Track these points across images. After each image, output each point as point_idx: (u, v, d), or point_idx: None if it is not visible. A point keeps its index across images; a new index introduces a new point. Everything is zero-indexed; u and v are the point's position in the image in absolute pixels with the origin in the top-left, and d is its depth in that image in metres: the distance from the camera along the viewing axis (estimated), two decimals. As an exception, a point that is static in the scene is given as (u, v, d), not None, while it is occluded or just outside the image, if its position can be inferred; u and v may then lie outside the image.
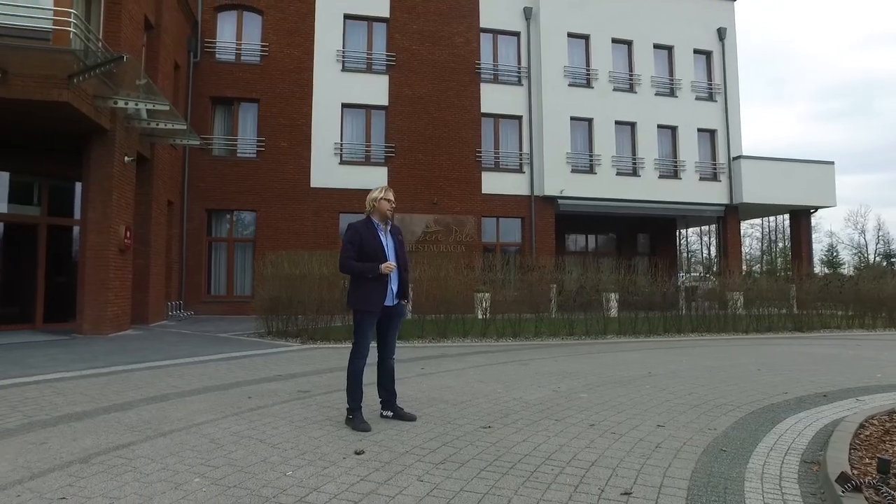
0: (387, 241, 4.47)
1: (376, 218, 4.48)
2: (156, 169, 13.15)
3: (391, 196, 4.50)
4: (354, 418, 4.25)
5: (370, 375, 4.57)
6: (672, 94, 20.55)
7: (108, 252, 10.46)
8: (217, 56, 17.17)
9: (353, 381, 4.32)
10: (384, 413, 4.56)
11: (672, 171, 20.46)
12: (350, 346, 4.44)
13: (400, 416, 4.50)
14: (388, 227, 4.54)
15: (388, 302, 4.41)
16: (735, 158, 20.49)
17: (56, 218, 11.68)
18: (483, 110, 18.85)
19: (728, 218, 20.98)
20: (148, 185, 12.83)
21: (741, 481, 3.10)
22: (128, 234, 11.08)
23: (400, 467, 3.32)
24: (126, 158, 11.05)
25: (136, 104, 10.09)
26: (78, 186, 11.26)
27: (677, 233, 26.77)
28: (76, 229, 11.53)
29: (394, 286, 4.44)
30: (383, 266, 4.28)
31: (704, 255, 55.63)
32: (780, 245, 47.62)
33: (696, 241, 51.19)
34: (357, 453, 3.58)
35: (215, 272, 16.96)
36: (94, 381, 5.94)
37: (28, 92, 8.67)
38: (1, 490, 2.92)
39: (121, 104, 10.04)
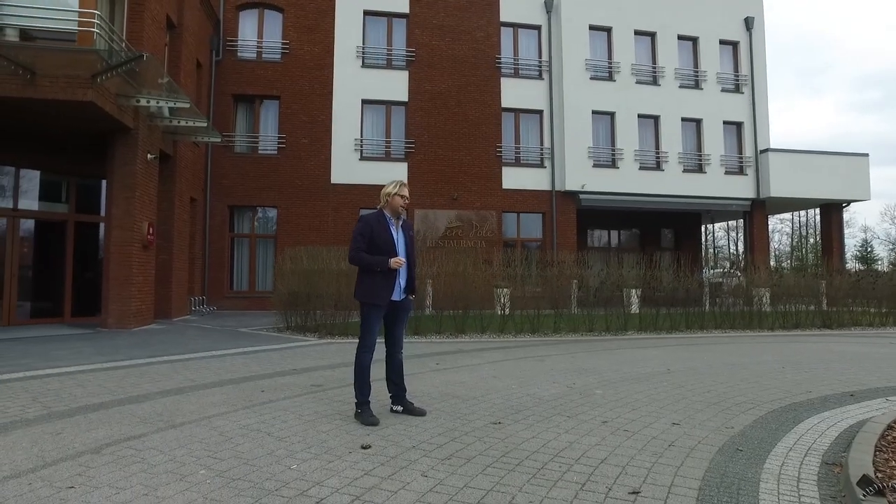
0: (397, 236, 4.44)
1: (388, 212, 4.46)
2: (178, 166, 13.36)
3: (405, 192, 4.47)
4: (363, 413, 4.23)
5: (380, 371, 4.55)
6: (697, 86, 20.12)
7: (132, 248, 10.66)
8: (239, 54, 17.36)
9: (360, 375, 4.30)
10: (394, 408, 4.53)
11: (697, 165, 20.05)
12: (362, 340, 4.43)
13: (409, 410, 4.47)
14: (400, 223, 4.51)
15: (396, 297, 4.38)
16: (763, 151, 19.98)
17: (83, 215, 11.94)
18: (503, 105, 18.72)
19: (755, 212, 20.49)
20: (171, 182, 13.04)
21: (756, 482, 2.99)
22: (150, 230, 11.28)
23: (405, 462, 3.29)
24: (149, 156, 11.23)
25: (158, 102, 10.25)
26: (104, 184, 11.49)
27: (702, 228, 26.28)
28: (102, 226, 11.77)
29: (402, 281, 4.42)
30: (393, 261, 4.25)
31: (731, 250, 54.67)
32: (812, 241, 46.43)
33: (724, 236, 50.24)
34: (363, 448, 3.56)
35: (238, 268, 17.19)
36: (113, 374, 6.05)
37: (55, 92, 8.87)
38: (14, 478, 2.97)
39: (143, 102, 10.21)
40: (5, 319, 10.85)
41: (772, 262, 24.46)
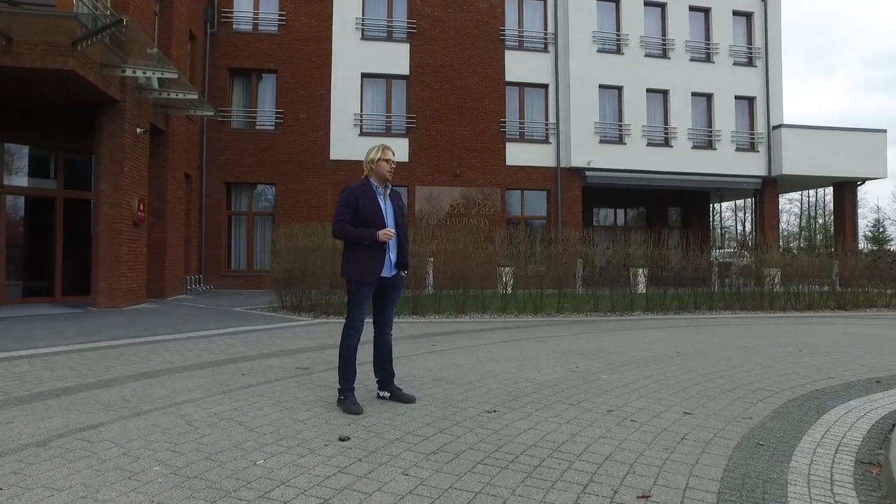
0: (386, 206, 4.04)
1: (375, 180, 4.06)
2: (171, 141, 12.94)
3: (390, 155, 4.07)
4: (346, 400, 3.88)
5: (368, 354, 4.20)
6: (708, 59, 19.42)
7: (121, 225, 10.31)
8: (234, 26, 16.80)
9: (345, 359, 3.94)
10: (381, 394, 4.18)
11: (707, 142, 19.45)
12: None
13: (397, 397, 4.12)
14: (388, 191, 4.11)
15: (386, 272, 4.00)
16: (775, 127, 19.34)
17: (73, 191, 11.56)
18: (508, 79, 18.13)
19: (766, 191, 19.92)
20: (163, 158, 12.63)
21: (783, 484, 2.62)
22: (141, 206, 10.92)
23: (385, 457, 2.94)
24: (138, 130, 10.82)
25: (145, 73, 9.80)
26: (94, 160, 11.09)
27: (711, 207, 25.72)
28: (93, 203, 11.42)
29: (392, 255, 4.03)
30: (381, 233, 3.85)
31: (739, 230, 53.90)
32: (821, 221, 45.70)
33: (731, 216, 49.47)
34: (341, 440, 3.21)
35: (235, 246, 16.86)
36: (89, 356, 5.73)
37: (33, 60, 8.43)
38: (-57, 476, 2.63)
39: (129, 73, 9.76)
40: (-6, 298, 10.57)
41: (780, 243, 23.92)
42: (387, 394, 4.16)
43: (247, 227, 16.84)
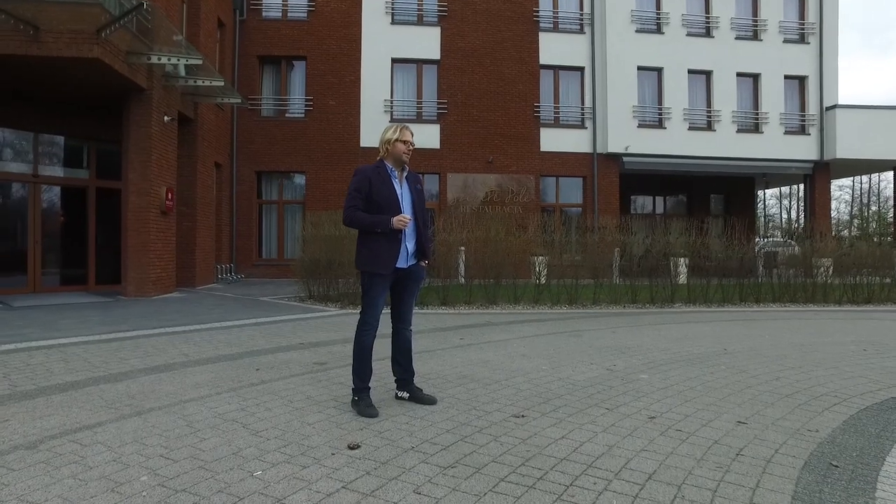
0: (402, 191, 3.70)
1: (390, 163, 3.72)
2: (200, 130, 12.89)
3: (408, 136, 3.71)
4: (360, 401, 3.58)
5: (386, 349, 3.89)
6: (755, 37, 18.34)
7: (149, 214, 10.28)
8: (263, 13, 16.66)
9: (359, 356, 3.64)
10: (399, 394, 3.87)
11: (753, 125, 18.44)
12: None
13: (417, 398, 3.80)
14: (405, 174, 3.76)
15: (402, 263, 3.66)
16: (829, 108, 18.18)
17: (105, 181, 11.62)
18: (542, 62, 17.50)
19: (817, 176, 18.78)
20: (192, 146, 12.59)
21: (868, 519, 2.19)
22: (169, 195, 10.87)
23: (397, 471, 2.62)
24: (165, 118, 10.76)
25: (170, 60, 9.67)
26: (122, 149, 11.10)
27: (756, 194, 24.54)
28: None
29: (409, 244, 3.69)
30: (396, 220, 3.52)
31: (784, 218, 51.60)
32: (874, 208, 43.34)
33: (775, 203, 47.44)
34: (351, 448, 2.90)
35: (266, 235, 16.84)
36: (105, 347, 5.60)
37: (59, 49, 8.38)
38: (-78, 481, 2.43)
39: (154, 59, 9.65)
40: (31, 286, 10.73)
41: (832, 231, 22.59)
42: (405, 394, 3.84)
43: (277, 216, 16.79)
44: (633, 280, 11.03)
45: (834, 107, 18.03)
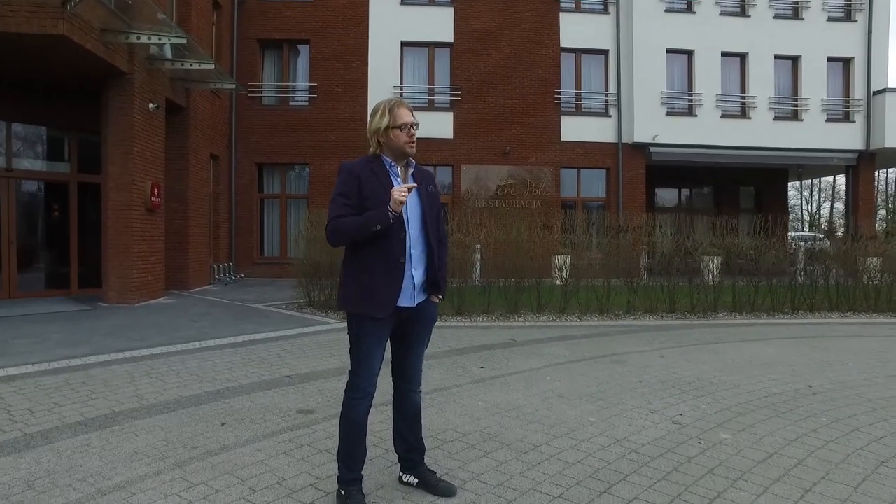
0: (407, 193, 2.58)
1: (388, 155, 2.60)
2: (193, 118, 11.84)
3: (406, 115, 2.56)
4: (348, 497, 2.50)
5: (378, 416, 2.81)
6: (796, 15, 16.89)
7: (132, 212, 9.27)
8: (264, -7, 15.54)
9: (348, 437, 2.56)
10: (404, 478, 2.79)
11: (792, 112, 17.04)
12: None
13: (428, 484, 2.71)
14: (410, 170, 2.64)
15: (408, 301, 2.56)
16: (877, 93, 16.71)
17: (87, 175, 10.62)
18: (563, 45, 16.21)
19: (861, 167, 17.35)
20: (183, 137, 11.56)
21: None
22: (156, 191, 9.85)
23: None
24: (150, 105, 9.72)
25: (150, 38, 8.59)
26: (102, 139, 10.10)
27: (788, 185, 23.11)
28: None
29: (416, 273, 2.57)
30: (395, 190, 2.40)
31: (805, 209, 49.73)
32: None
33: (795, 195, 45.67)
34: None
35: (268, 231, 15.83)
36: (48, 383, 4.56)
37: (18, 24, 7.33)
38: None
39: (133, 39, 8.58)
40: (5, 292, 9.79)
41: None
42: (413, 479, 2.76)
43: (280, 211, 15.76)
44: (663, 280, 9.79)
45: (883, 91, 16.56)
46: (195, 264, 11.91)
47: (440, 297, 2.69)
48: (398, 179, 2.56)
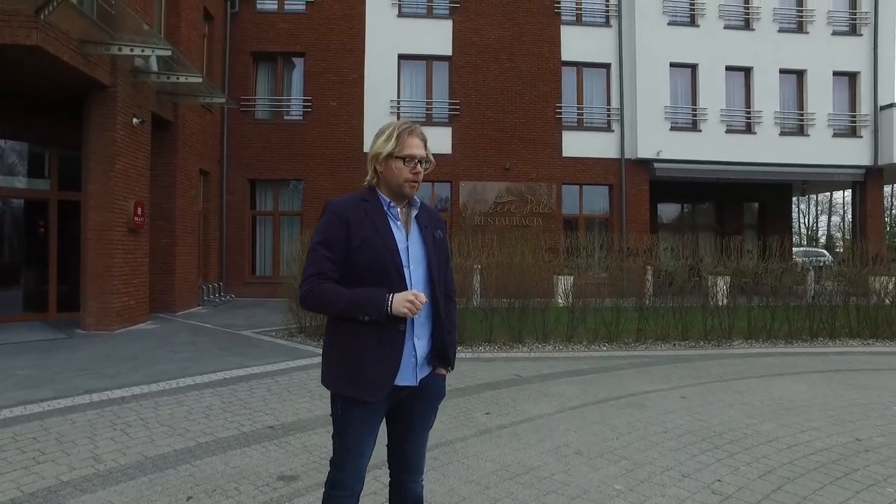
0: (410, 241, 2.07)
1: (385, 192, 2.09)
2: (181, 133, 11.36)
3: (418, 149, 2.05)
4: None
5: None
6: (800, 29, 16.59)
7: (113, 233, 8.75)
8: (258, 5, 15.15)
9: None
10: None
11: (797, 127, 16.68)
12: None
13: None
14: (414, 212, 2.13)
15: (408, 378, 2.04)
16: (884, 107, 16.38)
17: (68, 192, 10.09)
18: (564, 58, 15.85)
19: (868, 182, 16.96)
20: (171, 153, 11.06)
21: None
22: (139, 210, 9.34)
23: None
24: (134, 120, 9.23)
25: (132, 49, 8.12)
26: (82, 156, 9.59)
27: (793, 201, 22.74)
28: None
29: (419, 342, 2.06)
30: (398, 300, 1.91)
31: (802, 223, 49.41)
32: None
33: (792, 209, 45.27)
34: None
35: (260, 250, 15.29)
36: (-5, 439, 4.02)
37: (-9, 34, 6.86)
38: None
39: (114, 50, 8.10)
40: (-23, 316, 9.22)
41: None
42: (412, 586, 2.22)
43: (273, 229, 15.24)
44: (671, 301, 9.24)
45: (891, 105, 16.23)
46: (182, 285, 11.36)
47: (448, 369, 2.18)
48: (398, 224, 2.06)
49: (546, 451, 3.94)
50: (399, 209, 2.09)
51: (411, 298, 1.89)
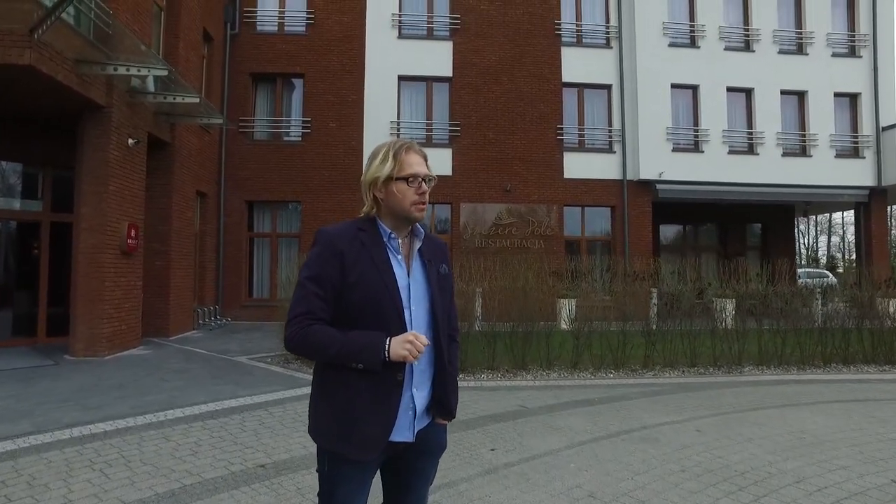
0: (411, 277, 1.84)
1: (388, 220, 1.86)
2: (178, 154, 11.18)
3: (420, 167, 1.85)
4: None
5: None
6: (801, 50, 16.59)
7: (105, 256, 8.51)
8: (258, 27, 15.13)
9: None
10: None
11: (800, 148, 16.59)
12: None
13: None
14: (417, 244, 1.89)
15: (404, 433, 1.80)
16: (886, 128, 16.31)
17: (61, 214, 9.88)
18: (565, 79, 15.80)
19: (872, 203, 16.81)
20: (167, 174, 10.88)
21: None
22: (132, 232, 9.11)
23: None
24: (129, 141, 9.06)
25: (128, 69, 7.98)
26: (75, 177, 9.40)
27: (796, 221, 22.60)
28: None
29: (419, 393, 1.82)
30: (397, 344, 1.68)
31: (801, 243, 49.23)
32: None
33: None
34: None
35: (258, 272, 15.04)
36: (-37, 481, 3.74)
37: (-17, 53, 6.71)
38: None
39: (110, 70, 7.96)
40: (-36, 341, 8.94)
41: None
42: None
43: (270, 251, 15.01)
44: (676, 324, 8.94)
45: (892, 126, 16.16)
46: (176, 309, 11.09)
47: (451, 417, 1.92)
48: (399, 257, 1.82)
49: (557, 493, 3.65)
50: (400, 240, 1.86)
51: (411, 339, 1.66)
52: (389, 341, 1.67)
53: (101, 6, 7.68)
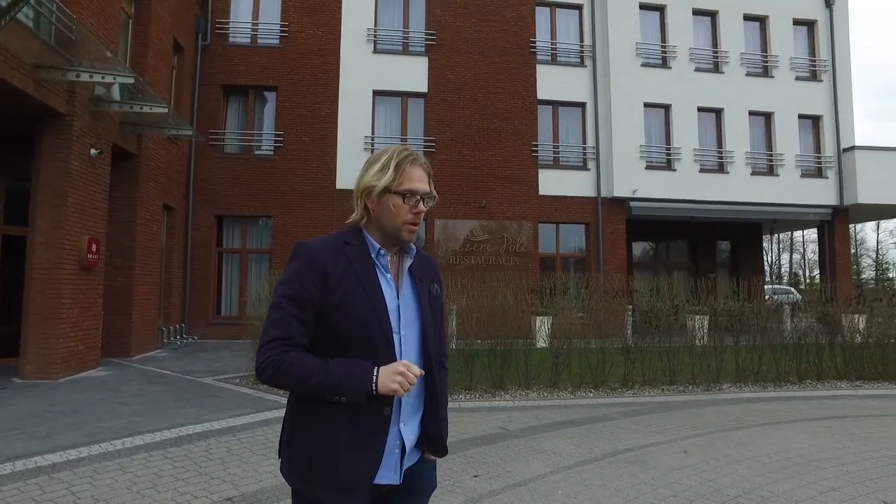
0: (401, 298, 1.64)
1: (376, 235, 1.66)
2: (144, 166, 10.76)
3: (421, 184, 1.67)
4: None
5: None
6: (766, 73, 17.06)
7: (62, 272, 8.04)
8: (230, 38, 14.84)
9: None
10: None
11: (767, 167, 16.98)
12: None
13: None
14: (408, 262, 1.70)
15: (389, 475, 1.58)
16: (846, 150, 16.82)
17: (15, 227, 9.36)
18: (539, 97, 15.90)
19: (836, 222, 17.26)
20: (132, 186, 10.44)
21: None
22: (93, 247, 8.66)
23: None
24: (92, 151, 8.65)
25: (91, 76, 7.63)
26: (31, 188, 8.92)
27: (763, 239, 23.07)
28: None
29: (407, 427, 1.62)
30: (386, 375, 1.48)
31: (765, 260, 50.51)
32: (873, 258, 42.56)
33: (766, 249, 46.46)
34: None
35: (226, 289, 14.56)
36: None
37: (-69, 56, 6.31)
38: None
39: (71, 76, 7.60)
40: None
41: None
42: None
43: (240, 267, 14.56)
44: (652, 340, 8.87)
45: (852, 148, 16.67)
46: (140, 327, 10.58)
47: (443, 452, 1.72)
48: (388, 276, 1.63)
49: (546, 524, 3.45)
50: (389, 257, 1.66)
51: (402, 371, 1.47)
52: (377, 372, 1.47)
53: (63, 9, 7.33)
